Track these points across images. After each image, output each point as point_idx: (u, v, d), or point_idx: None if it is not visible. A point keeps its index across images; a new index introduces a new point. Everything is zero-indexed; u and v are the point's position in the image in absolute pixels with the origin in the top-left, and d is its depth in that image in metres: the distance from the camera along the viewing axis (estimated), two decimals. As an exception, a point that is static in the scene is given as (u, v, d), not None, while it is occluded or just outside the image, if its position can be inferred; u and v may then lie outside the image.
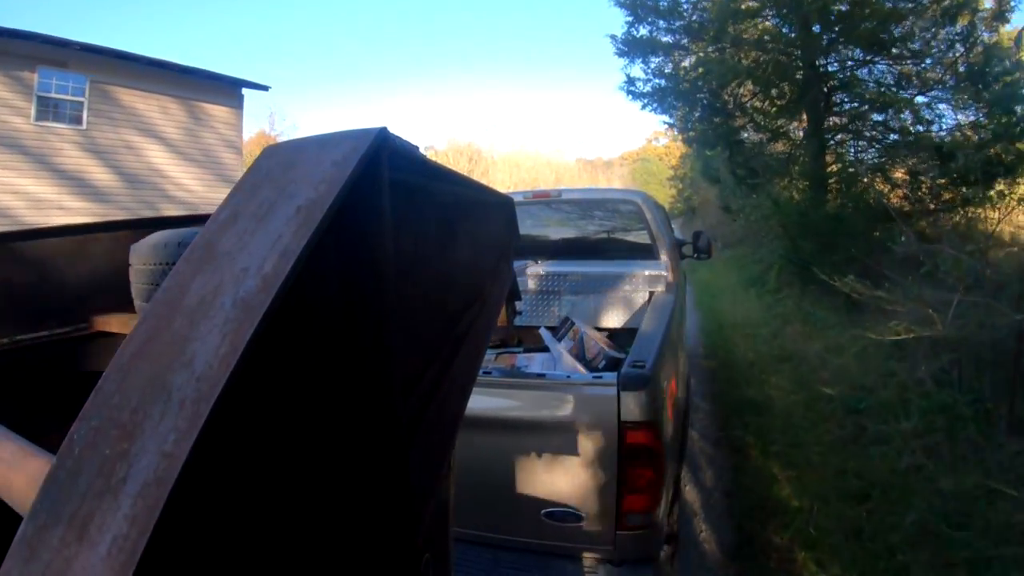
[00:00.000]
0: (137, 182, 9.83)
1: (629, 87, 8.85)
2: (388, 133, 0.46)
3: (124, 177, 9.70)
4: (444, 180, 0.73)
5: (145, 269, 0.90)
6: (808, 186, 7.72)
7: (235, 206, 0.39)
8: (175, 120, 10.42)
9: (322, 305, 0.39)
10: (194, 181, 10.63)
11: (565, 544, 1.74)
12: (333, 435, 0.42)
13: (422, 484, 0.57)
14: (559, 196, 3.81)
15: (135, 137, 9.82)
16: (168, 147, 10.30)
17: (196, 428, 0.27)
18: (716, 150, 9.82)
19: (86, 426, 0.29)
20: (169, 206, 10.01)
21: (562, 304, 3.20)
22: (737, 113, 8.57)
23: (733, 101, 8.54)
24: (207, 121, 10.93)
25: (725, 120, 8.53)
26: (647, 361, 1.73)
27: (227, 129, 11.30)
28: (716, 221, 14.38)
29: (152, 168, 10.08)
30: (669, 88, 8.58)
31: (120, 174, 9.65)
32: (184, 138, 10.53)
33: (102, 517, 0.26)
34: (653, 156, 35.73)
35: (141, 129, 9.90)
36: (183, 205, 10.22)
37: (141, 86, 9.81)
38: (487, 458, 1.75)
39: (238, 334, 0.30)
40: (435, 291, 0.68)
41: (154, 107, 10.09)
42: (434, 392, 0.63)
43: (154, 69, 9.90)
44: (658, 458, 1.65)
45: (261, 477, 0.33)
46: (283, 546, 0.36)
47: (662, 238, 3.43)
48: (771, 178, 8.46)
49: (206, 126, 10.92)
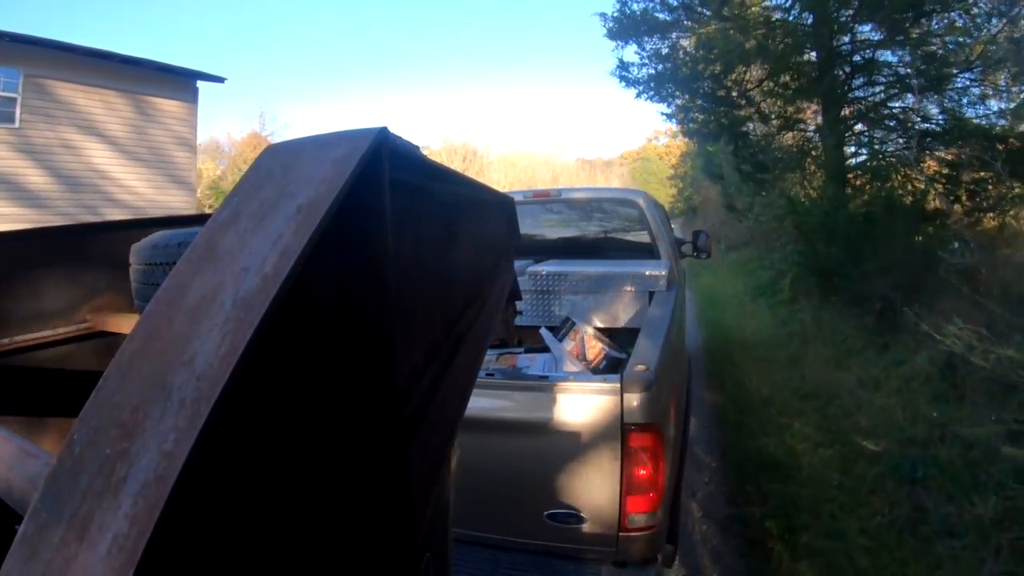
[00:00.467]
0: (77, 184, 8.97)
1: (622, 72, 7.90)
2: (388, 133, 0.46)
3: (62, 179, 8.86)
4: (444, 180, 0.73)
5: (145, 269, 0.90)
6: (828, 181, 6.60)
7: (235, 205, 0.39)
8: (120, 116, 9.47)
9: (322, 305, 0.39)
10: (141, 183, 9.75)
11: (567, 545, 1.74)
12: (333, 434, 0.42)
13: (422, 484, 0.57)
14: (559, 196, 3.81)
15: (75, 135, 8.94)
16: (112, 146, 9.40)
17: (196, 427, 0.27)
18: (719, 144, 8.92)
19: (86, 425, 0.29)
20: (112, 210, 9.17)
21: (562, 304, 3.20)
22: (743, 102, 7.64)
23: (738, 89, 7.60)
24: (157, 117, 9.95)
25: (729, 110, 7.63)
26: (650, 363, 1.73)
27: (180, 125, 10.33)
28: (718, 221, 13.80)
29: (93, 169, 9.21)
30: (667, 74, 7.63)
31: (58, 176, 8.81)
32: (130, 136, 9.61)
33: (103, 516, 0.26)
34: (653, 155, 35.76)
35: (81, 127, 9.00)
36: (128, 209, 9.39)
37: (82, 79, 8.88)
38: (490, 459, 1.75)
39: (238, 333, 0.30)
40: (435, 291, 0.68)
41: (96, 102, 9.17)
42: (434, 391, 0.63)
43: (97, 61, 8.94)
44: (660, 460, 1.65)
45: (261, 476, 0.33)
46: (283, 545, 0.36)
47: (662, 237, 3.43)
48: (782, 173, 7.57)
49: (156, 122, 9.95)
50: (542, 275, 3.18)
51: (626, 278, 3.07)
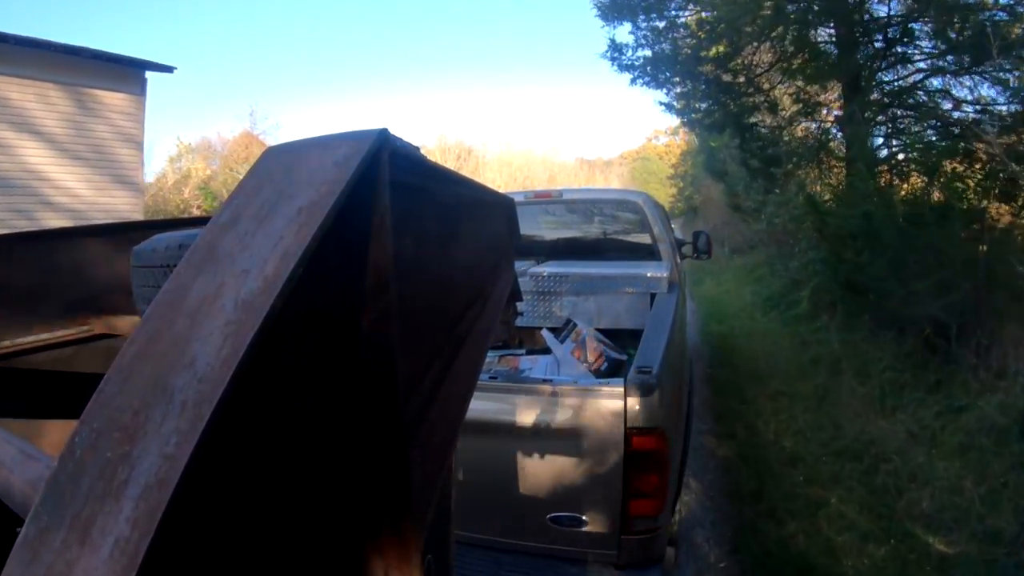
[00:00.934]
0: (8, 187, 8.21)
1: (614, 54, 7.07)
2: (389, 134, 0.46)
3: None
4: (445, 181, 0.73)
5: (146, 271, 0.90)
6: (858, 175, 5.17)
7: (236, 207, 0.39)
8: (58, 111, 8.61)
9: (323, 306, 0.39)
10: (81, 184, 8.90)
11: (570, 548, 1.74)
12: (334, 436, 0.42)
13: (423, 486, 0.57)
14: (560, 196, 3.82)
15: (6, 133, 8.20)
16: (48, 143, 8.60)
17: (198, 430, 0.27)
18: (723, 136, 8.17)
19: (88, 428, 0.29)
20: (48, 214, 8.40)
21: (563, 305, 3.20)
22: (750, 89, 6.79)
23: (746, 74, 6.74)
24: (100, 111, 9.04)
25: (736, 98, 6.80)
26: (653, 366, 1.73)
27: (125, 120, 9.39)
28: (721, 222, 13.05)
29: (27, 170, 8.42)
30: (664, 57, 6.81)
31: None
32: (69, 132, 8.74)
33: (104, 520, 0.26)
34: (653, 155, 35.80)
35: (13, 123, 8.25)
36: (67, 213, 8.49)
37: (13, 71, 8.09)
38: (493, 462, 1.75)
39: (240, 335, 0.30)
40: (436, 292, 0.68)
41: (30, 95, 8.36)
42: (435, 393, 0.63)
43: (30, 50, 8.13)
44: (664, 463, 1.65)
45: (263, 479, 0.33)
46: (284, 548, 0.36)
47: (663, 238, 3.44)
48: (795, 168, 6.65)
49: (98, 117, 9.04)
50: (543, 276, 3.18)
51: (627, 279, 3.07)
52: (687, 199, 23.19)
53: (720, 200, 12.84)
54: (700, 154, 15.40)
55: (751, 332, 6.38)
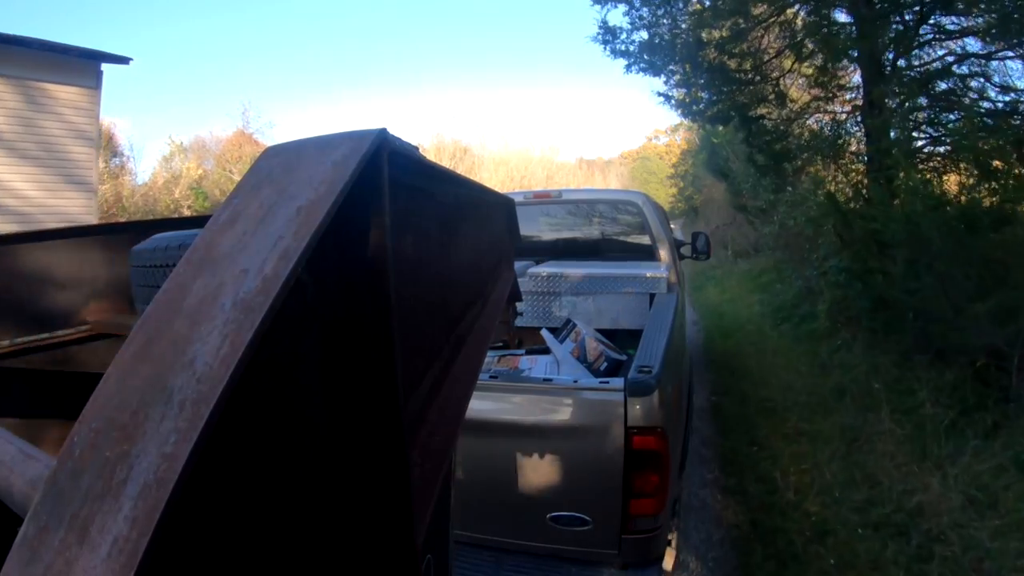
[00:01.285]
0: None
1: (606, 38, 6.33)
2: (388, 134, 0.46)
3: (-71, 183, 7.44)
4: (445, 181, 0.74)
5: (145, 271, 0.90)
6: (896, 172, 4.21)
7: (235, 207, 0.39)
8: (3, 106, 8.06)
9: (322, 306, 0.39)
10: (29, 184, 8.25)
11: (570, 548, 1.74)
12: (334, 436, 0.42)
13: (423, 485, 0.57)
14: (559, 197, 3.82)
15: None
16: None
17: (197, 429, 0.27)
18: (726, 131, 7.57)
19: (87, 428, 0.29)
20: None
21: (562, 305, 3.20)
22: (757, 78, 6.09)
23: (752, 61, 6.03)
24: (50, 106, 8.42)
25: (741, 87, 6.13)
26: (653, 366, 1.73)
27: (78, 116, 8.71)
28: (723, 223, 12.48)
29: None
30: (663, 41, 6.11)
31: (-76, 179, 7.40)
32: (15, 129, 8.10)
33: (103, 519, 0.26)
34: (653, 155, 35.82)
35: None
36: (13, 216, 7.85)
37: None
38: (493, 462, 1.75)
39: (238, 335, 0.30)
40: (436, 292, 0.68)
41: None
42: (435, 393, 0.63)
43: None
44: (664, 463, 1.65)
45: (261, 478, 0.33)
46: (283, 547, 0.36)
47: (662, 239, 3.44)
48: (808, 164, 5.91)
49: (48, 112, 8.41)
50: (542, 276, 3.18)
51: (626, 280, 3.07)
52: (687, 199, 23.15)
53: (722, 200, 12.45)
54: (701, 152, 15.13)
55: (760, 351, 5.53)
